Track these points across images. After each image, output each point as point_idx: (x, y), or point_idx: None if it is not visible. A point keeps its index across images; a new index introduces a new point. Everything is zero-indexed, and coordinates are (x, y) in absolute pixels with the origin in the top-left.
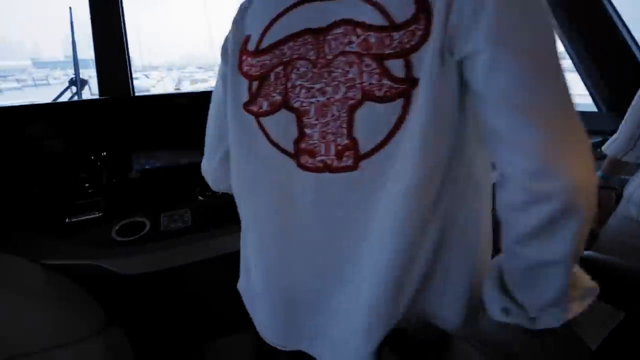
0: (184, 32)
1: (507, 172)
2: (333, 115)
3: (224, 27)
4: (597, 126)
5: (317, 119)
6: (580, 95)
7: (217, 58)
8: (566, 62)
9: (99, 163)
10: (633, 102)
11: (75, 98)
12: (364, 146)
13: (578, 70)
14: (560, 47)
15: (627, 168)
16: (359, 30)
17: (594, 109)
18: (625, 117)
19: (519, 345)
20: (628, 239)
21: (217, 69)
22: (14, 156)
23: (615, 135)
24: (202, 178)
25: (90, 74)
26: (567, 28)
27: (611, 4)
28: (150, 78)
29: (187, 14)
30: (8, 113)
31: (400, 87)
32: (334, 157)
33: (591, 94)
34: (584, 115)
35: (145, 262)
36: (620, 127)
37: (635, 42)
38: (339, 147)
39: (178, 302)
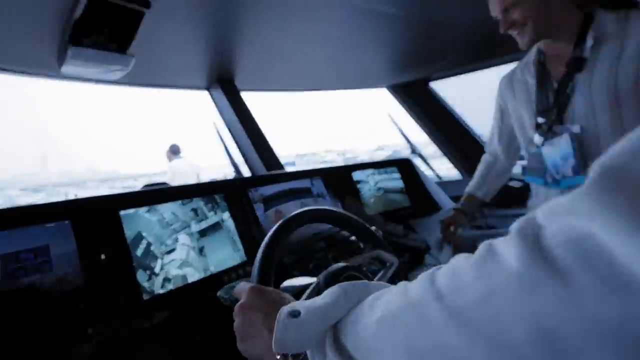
0: (9, 152)
1: None
2: None
3: (61, 146)
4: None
5: None
6: (448, 169)
7: (49, 178)
8: (434, 148)
9: None
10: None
11: None
12: None
13: (444, 153)
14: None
15: None
16: None
17: (460, 178)
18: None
19: None
20: None
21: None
22: None
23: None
24: None
25: None
26: (429, 127)
27: (450, 109)
28: None
29: (15, 132)
30: None
31: None
32: None
33: (456, 167)
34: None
35: None
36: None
37: (470, 129)
38: None
39: None
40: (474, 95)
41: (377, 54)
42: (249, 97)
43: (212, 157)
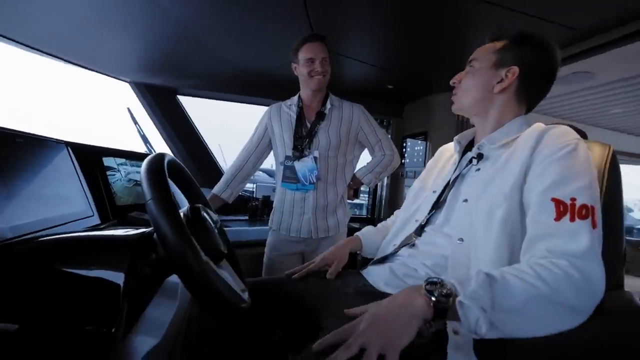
0: None
1: None
2: None
3: None
4: None
5: None
6: None
7: None
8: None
9: None
10: None
11: None
12: None
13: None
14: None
15: None
16: None
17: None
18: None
19: None
20: None
21: None
22: None
23: None
24: None
25: None
26: (169, 135)
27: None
28: None
29: None
30: None
31: None
32: None
33: None
34: None
35: None
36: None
37: (208, 146)
38: None
39: None
40: (215, 120)
41: (127, 40)
42: None
43: None
